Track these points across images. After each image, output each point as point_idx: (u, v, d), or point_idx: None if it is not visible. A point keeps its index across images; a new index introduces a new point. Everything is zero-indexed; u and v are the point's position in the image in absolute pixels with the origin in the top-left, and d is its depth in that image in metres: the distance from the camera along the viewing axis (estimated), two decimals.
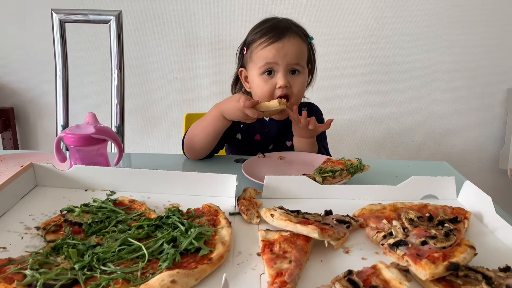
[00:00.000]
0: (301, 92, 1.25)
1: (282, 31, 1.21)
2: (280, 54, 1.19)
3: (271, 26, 1.24)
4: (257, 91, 1.25)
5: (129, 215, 0.78)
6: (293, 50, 1.20)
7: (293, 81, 1.22)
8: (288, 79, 1.21)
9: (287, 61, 1.19)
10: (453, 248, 0.64)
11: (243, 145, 1.36)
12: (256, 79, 1.24)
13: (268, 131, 1.35)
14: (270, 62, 1.20)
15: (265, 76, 1.22)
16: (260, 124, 1.35)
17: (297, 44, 1.22)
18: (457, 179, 0.92)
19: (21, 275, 0.58)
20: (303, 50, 1.24)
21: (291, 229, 0.69)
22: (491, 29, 2.22)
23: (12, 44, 2.26)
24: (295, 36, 1.22)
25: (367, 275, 0.60)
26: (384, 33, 2.22)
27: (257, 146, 1.35)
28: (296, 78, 1.23)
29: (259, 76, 1.23)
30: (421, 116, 2.38)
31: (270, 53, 1.19)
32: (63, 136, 0.95)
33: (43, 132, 2.45)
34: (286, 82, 1.20)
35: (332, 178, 0.97)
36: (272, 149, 1.36)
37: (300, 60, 1.22)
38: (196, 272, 0.60)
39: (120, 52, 1.85)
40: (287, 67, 1.20)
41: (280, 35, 1.20)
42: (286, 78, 1.20)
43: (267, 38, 1.20)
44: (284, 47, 1.19)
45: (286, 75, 1.21)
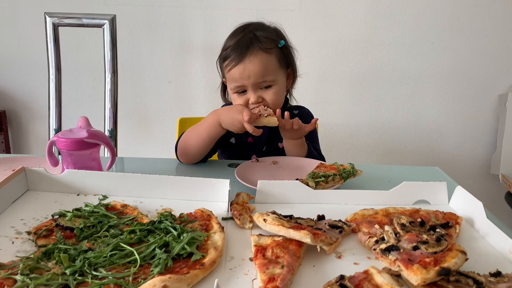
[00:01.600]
0: (276, 101, 1.25)
1: (242, 51, 1.20)
2: (244, 76, 1.20)
3: (235, 44, 1.22)
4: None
5: (121, 219, 0.77)
6: (255, 69, 1.19)
7: (265, 95, 1.23)
8: (259, 94, 1.22)
9: (252, 81, 1.20)
10: (444, 253, 0.64)
11: (237, 149, 1.37)
12: (232, 95, 1.27)
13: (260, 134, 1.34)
14: (238, 85, 1.22)
15: (238, 93, 1.25)
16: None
17: (259, 61, 1.19)
18: (448, 184, 0.93)
19: (12, 280, 0.58)
20: (267, 65, 1.21)
21: (284, 234, 0.69)
22: (483, 36, 2.24)
23: (5, 47, 2.25)
24: (256, 54, 1.20)
25: (359, 280, 0.60)
26: (377, 39, 2.24)
27: (251, 149, 1.36)
28: (268, 92, 1.23)
29: (232, 94, 1.26)
30: (414, 121, 2.40)
31: (235, 76, 1.21)
32: (56, 140, 0.94)
33: (35, 136, 2.44)
34: (257, 98, 1.22)
35: (325, 183, 0.98)
36: (265, 151, 1.36)
37: (266, 76, 1.21)
38: (188, 277, 0.59)
39: (113, 56, 1.85)
40: (255, 85, 1.21)
41: (240, 56, 1.19)
42: (256, 94, 1.22)
43: (230, 60, 1.21)
44: (245, 69, 1.19)
45: (256, 92, 1.22)
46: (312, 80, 2.30)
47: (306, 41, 2.24)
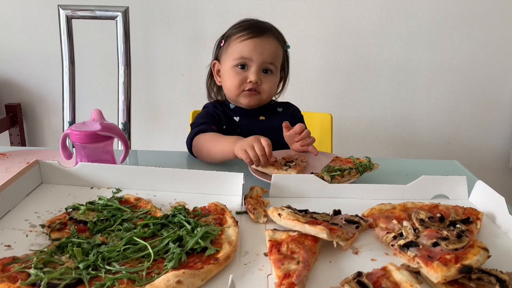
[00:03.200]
0: (271, 91, 1.28)
1: (262, 29, 1.24)
2: (257, 51, 1.21)
3: (252, 23, 1.27)
4: (227, 83, 1.27)
5: (134, 213, 0.77)
6: (270, 49, 1.23)
7: (264, 79, 1.25)
8: (260, 76, 1.24)
9: (263, 59, 1.22)
10: (465, 250, 0.63)
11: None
12: (229, 70, 1.26)
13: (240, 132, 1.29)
14: (245, 57, 1.22)
15: (237, 68, 1.24)
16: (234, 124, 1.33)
17: (274, 45, 1.25)
18: (468, 179, 0.90)
19: (25, 274, 0.57)
20: (278, 53, 1.27)
21: (299, 229, 0.68)
22: (502, 26, 2.18)
23: (19, 40, 2.26)
24: (273, 38, 1.26)
25: (377, 277, 0.59)
26: (393, 29, 2.20)
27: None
28: (268, 77, 1.26)
29: (232, 67, 1.25)
30: (430, 114, 2.35)
31: (246, 47, 1.22)
32: (69, 133, 0.94)
33: (50, 129, 2.46)
34: (258, 78, 1.23)
35: (340, 177, 0.96)
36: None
37: (274, 60, 1.25)
38: (202, 272, 0.59)
39: (126, 49, 1.85)
40: (261, 64, 1.23)
41: (259, 32, 1.23)
42: (258, 75, 1.23)
43: (247, 32, 1.23)
44: (261, 44, 1.22)
45: (258, 72, 1.23)
46: (326, 72, 2.28)
47: (320, 32, 2.20)
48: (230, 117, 1.34)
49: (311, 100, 2.29)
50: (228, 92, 1.30)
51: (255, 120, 1.34)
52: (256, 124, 1.33)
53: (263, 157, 0.98)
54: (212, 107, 1.36)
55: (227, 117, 1.33)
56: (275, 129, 1.31)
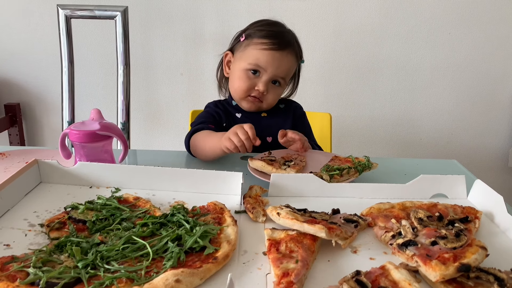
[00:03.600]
0: (273, 102, 1.32)
1: (286, 44, 1.25)
2: (274, 64, 1.23)
3: (278, 32, 1.26)
4: (235, 83, 1.28)
5: (133, 212, 0.77)
6: (286, 65, 1.25)
7: (271, 89, 1.28)
8: (268, 86, 1.26)
9: (276, 73, 1.24)
10: (464, 249, 0.63)
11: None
12: (240, 71, 1.26)
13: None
14: (260, 66, 1.24)
15: (249, 73, 1.25)
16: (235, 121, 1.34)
17: (291, 61, 1.27)
18: (467, 178, 0.90)
19: (24, 273, 0.57)
20: (292, 69, 1.30)
21: (298, 228, 0.68)
22: (501, 26, 2.19)
23: (18, 40, 2.26)
24: (292, 54, 1.27)
25: (376, 276, 0.59)
26: (392, 29, 2.20)
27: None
28: (275, 89, 1.29)
29: (244, 70, 1.25)
30: (429, 113, 2.35)
31: (265, 58, 1.22)
32: (68, 133, 0.94)
33: (49, 128, 2.46)
34: (265, 89, 1.25)
35: (339, 176, 0.96)
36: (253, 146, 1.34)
37: (286, 75, 1.28)
38: (201, 271, 0.59)
39: (126, 48, 1.84)
40: (273, 76, 1.25)
41: (283, 47, 1.24)
42: (267, 85, 1.25)
43: (270, 42, 1.23)
44: (280, 58, 1.23)
45: (268, 83, 1.25)
46: (325, 71, 2.28)
47: (319, 31, 2.20)
48: (231, 114, 1.35)
49: (310, 99, 2.29)
50: (234, 92, 1.31)
51: (257, 116, 1.35)
52: (258, 120, 1.34)
53: (247, 140, 1.00)
54: (213, 106, 1.37)
55: (228, 114, 1.35)
56: (277, 126, 1.32)
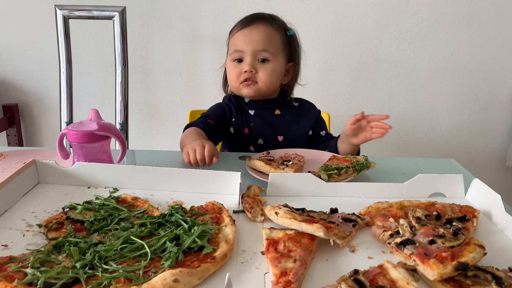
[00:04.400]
0: (269, 80, 1.26)
1: (252, 19, 1.26)
2: (246, 41, 1.23)
3: (247, 16, 1.29)
4: (228, 77, 1.32)
5: (132, 212, 0.77)
6: (259, 36, 1.23)
7: (260, 67, 1.25)
8: (255, 65, 1.24)
9: (253, 48, 1.23)
10: (462, 248, 0.63)
11: (235, 139, 1.36)
12: (229, 65, 1.30)
13: (254, 126, 1.35)
14: (238, 49, 1.25)
15: (235, 62, 1.27)
16: (247, 118, 1.35)
17: (265, 31, 1.25)
18: (465, 177, 0.90)
19: (22, 273, 0.57)
20: (272, 38, 1.26)
21: (296, 227, 0.68)
22: (499, 25, 2.19)
23: (16, 40, 2.26)
24: (265, 24, 1.26)
25: (374, 275, 0.59)
26: (390, 28, 2.20)
27: (247, 139, 1.35)
28: (264, 65, 1.26)
29: (230, 62, 1.28)
30: (428, 113, 2.35)
31: (238, 39, 1.25)
32: (66, 133, 0.94)
33: (47, 129, 2.45)
34: (251, 67, 1.24)
35: (337, 176, 0.96)
36: (262, 144, 1.35)
37: (267, 47, 1.24)
38: (199, 271, 0.59)
39: (124, 49, 1.84)
40: (254, 53, 1.24)
41: (249, 22, 1.25)
42: (252, 64, 1.24)
43: (237, 25, 1.27)
44: (250, 33, 1.24)
45: (253, 62, 1.24)
46: (323, 71, 2.28)
47: (317, 31, 2.20)
48: (244, 111, 1.35)
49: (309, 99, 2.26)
50: (231, 86, 1.33)
51: (270, 113, 1.35)
52: (270, 118, 1.35)
53: (201, 161, 0.99)
54: (227, 100, 1.39)
55: (241, 110, 1.35)
56: (289, 125, 1.33)
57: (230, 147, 1.40)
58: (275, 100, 1.37)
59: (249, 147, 1.35)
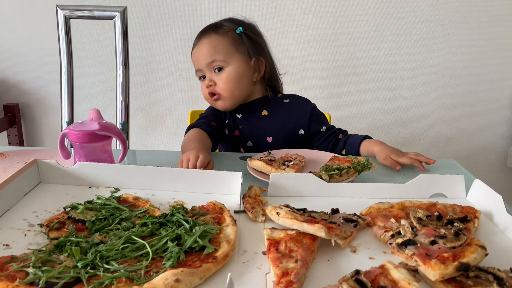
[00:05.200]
0: (228, 86, 1.26)
1: (199, 36, 1.29)
2: (197, 59, 1.28)
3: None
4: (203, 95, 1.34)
5: (133, 212, 0.77)
6: (203, 52, 1.25)
7: (216, 78, 1.27)
8: (212, 77, 1.27)
9: (203, 63, 1.25)
10: (463, 248, 0.63)
11: (228, 141, 1.38)
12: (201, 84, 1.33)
13: (242, 129, 1.35)
14: (196, 69, 1.29)
15: (201, 80, 1.32)
16: (236, 121, 1.36)
17: (208, 43, 1.25)
18: (466, 178, 0.90)
19: (24, 273, 0.57)
20: (217, 46, 1.25)
21: (297, 227, 0.68)
22: (500, 26, 2.19)
23: (17, 40, 2.26)
24: (208, 36, 1.26)
25: (375, 275, 0.59)
26: (391, 29, 2.20)
27: (237, 141, 1.36)
28: (219, 75, 1.26)
29: (199, 81, 1.33)
30: (428, 113, 2.35)
31: (193, 60, 1.30)
32: (67, 133, 0.94)
33: (48, 129, 2.45)
34: (209, 81, 1.27)
35: (338, 176, 0.96)
36: (252, 146, 1.35)
37: (214, 56, 1.24)
38: (200, 271, 0.59)
39: (125, 49, 1.84)
40: (207, 67, 1.26)
41: (196, 41, 1.29)
42: (210, 77, 1.27)
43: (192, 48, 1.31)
44: (197, 51, 1.27)
45: (211, 75, 1.27)
46: (325, 72, 2.28)
47: (317, 32, 2.21)
48: (233, 114, 1.36)
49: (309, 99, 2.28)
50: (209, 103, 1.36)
51: (256, 116, 1.35)
52: (257, 120, 1.35)
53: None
54: None
55: (231, 113, 1.36)
56: (277, 124, 1.32)
57: (225, 148, 1.41)
58: (261, 100, 1.35)
59: (239, 149, 1.36)
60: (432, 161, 1.12)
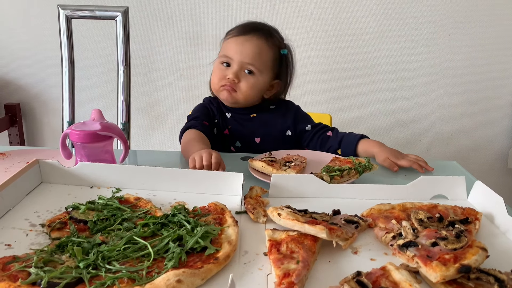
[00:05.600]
0: (249, 92, 1.27)
1: (249, 29, 1.26)
2: (237, 50, 1.24)
3: (245, 23, 1.29)
4: (212, 78, 1.33)
5: (134, 213, 0.77)
6: (250, 49, 1.23)
7: (243, 78, 1.26)
8: (239, 74, 1.25)
9: (241, 58, 1.24)
10: (464, 250, 0.63)
11: (217, 140, 1.35)
12: (215, 67, 1.31)
13: (231, 128, 1.36)
14: (227, 56, 1.25)
15: (222, 66, 1.28)
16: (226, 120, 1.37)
17: (257, 45, 1.24)
18: (467, 179, 0.90)
19: (26, 273, 0.58)
20: (262, 53, 1.25)
21: (299, 228, 0.68)
22: (501, 27, 2.19)
23: (19, 40, 2.26)
24: (259, 38, 1.25)
25: (377, 277, 0.59)
26: (392, 30, 2.20)
27: (228, 140, 1.36)
28: (248, 77, 1.26)
29: (218, 64, 1.29)
30: (429, 115, 2.35)
31: (229, 46, 1.26)
32: (69, 133, 0.94)
33: (49, 129, 2.45)
34: (235, 76, 1.24)
35: (340, 177, 0.96)
36: (240, 146, 1.36)
37: (255, 61, 1.24)
38: (202, 271, 0.59)
39: (126, 49, 1.85)
40: (240, 64, 1.24)
41: (244, 32, 1.25)
42: (237, 73, 1.25)
43: (234, 30, 1.27)
44: (243, 43, 1.24)
45: (238, 71, 1.25)
46: (325, 73, 2.28)
47: (319, 33, 2.21)
48: (223, 113, 1.37)
49: (310, 100, 2.29)
50: (212, 85, 1.34)
51: (246, 117, 1.36)
52: (246, 121, 1.35)
53: (207, 167, 0.98)
54: (207, 101, 1.40)
55: (220, 112, 1.37)
56: (266, 125, 1.34)
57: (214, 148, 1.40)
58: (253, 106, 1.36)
59: (230, 147, 1.36)
60: (431, 168, 1.12)
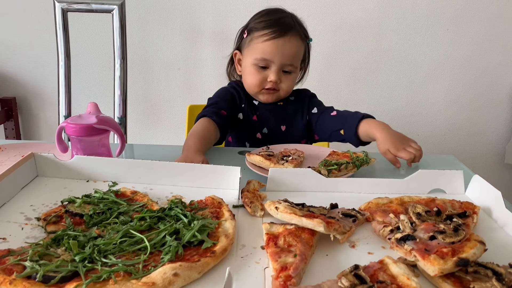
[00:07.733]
0: (289, 88, 1.32)
1: (285, 29, 1.23)
2: (278, 53, 1.23)
3: (276, 20, 1.25)
4: (247, 79, 1.30)
5: (131, 206, 0.76)
6: (290, 51, 1.24)
7: (284, 78, 1.28)
8: (279, 75, 1.26)
9: (282, 61, 1.24)
10: (462, 244, 0.63)
11: (243, 126, 1.36)
12: (250, 67, 1.27)
13: (260, 114, 1.36)
14: (267, 59, 1.24)
15: (258, 67, 1.26)
16: (254, 106, 1.36)
17: (296, 45, 1.25)
18: (464, 173, 0.90)
19: (21, 266, 0.57)
20: (299, 52, 1.28)
21: (296, 222, 0.68)
22: (499, 22, 2.18)
23: (14, 33, 2.25)
24: (296, 37, 1.25)
25: (374, 270, 0.59)
26: (390, 25, 2.19)
27: (256, 127, 1.36)
28: (287, 77, 1.29)
29: (253, 65, 1.26)
30: (427, 109, 2.35)
31: (268, 49, 1.23)
32: (65, 126, 0.93)
33: (45, 122, 2.44)
34: (277, 78, 1.26)
35: (337, 171, 0.96)
36: (267, 132, 1.36)
37: (294, 61, 1.26)
38: (199, 265, 0.58)
39: (123, 42, 1.84)
40: (281, 65, 1.25)
41: (282, 33, 1.22)
42: (278, 74, 1.26)
43: (269, 32, 1.23)
44: (283, 46, 1.23)
45: (278, 72, 1.25)
46: (323, 67, 2.27)
47: (317, 27, 2.20)
48: (250, 99, 1.36)
49: None
50: (248, 88, 1.33)
51: (274, 105, 1.36)
52: (274, 109, 1.36)
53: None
54: (232, 87, 1.38)
55: (247, 98, 1.36)
56: (290, 116, 1.36)
57: (237, 135, 1.39)
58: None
59: (256, 134, 1.36)
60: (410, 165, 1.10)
